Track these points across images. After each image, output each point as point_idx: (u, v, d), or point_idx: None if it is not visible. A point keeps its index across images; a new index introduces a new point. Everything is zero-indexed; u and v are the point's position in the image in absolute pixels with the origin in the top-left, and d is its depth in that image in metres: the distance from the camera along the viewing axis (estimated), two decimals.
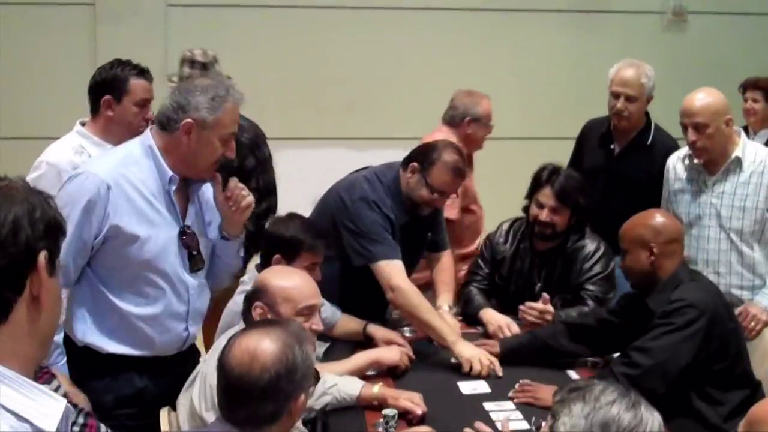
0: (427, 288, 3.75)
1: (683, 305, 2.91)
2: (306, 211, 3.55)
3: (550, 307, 3.51)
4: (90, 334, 2.69)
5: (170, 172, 2.68)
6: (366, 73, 6.19)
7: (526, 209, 3.71)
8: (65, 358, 2.64)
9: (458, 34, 6.26)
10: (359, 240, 3.47)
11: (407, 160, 3.53)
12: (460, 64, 6.21)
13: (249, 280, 3.24)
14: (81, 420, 1.81)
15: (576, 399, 1.76)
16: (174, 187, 2.71)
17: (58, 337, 2.62)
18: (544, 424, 1.85)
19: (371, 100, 6.19)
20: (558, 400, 1.81)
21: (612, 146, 4.19)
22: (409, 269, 3.69)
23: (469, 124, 4.45)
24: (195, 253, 2.79)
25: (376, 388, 2.86)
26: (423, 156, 3.49)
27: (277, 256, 3.16)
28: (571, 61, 6.21)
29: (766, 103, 5.05)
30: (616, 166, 4.14)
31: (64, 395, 1.79)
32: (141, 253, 2.65)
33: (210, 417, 2.32)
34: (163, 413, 2.58)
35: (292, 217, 3.31)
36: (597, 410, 1.72)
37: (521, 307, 3.56)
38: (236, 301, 3.11)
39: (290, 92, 6.13)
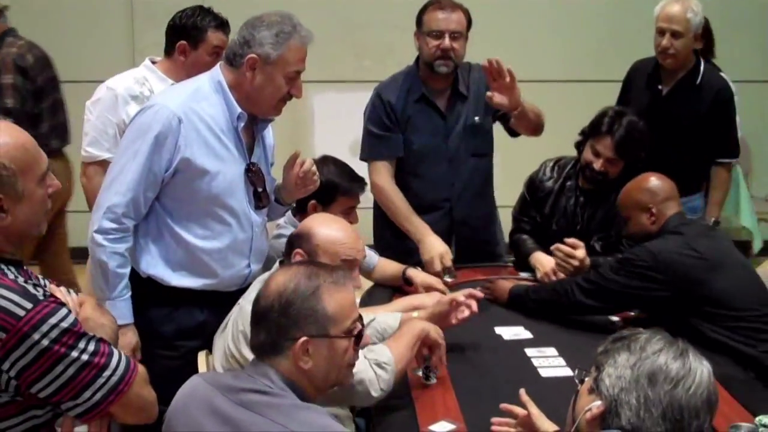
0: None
1: (637, 251, 3.00)
2: (344, 155, 3.48)
3: (579, 253, 3.35)
4: (154, 266, 2.72)
5: (239, 109, 2.70)
6: (405, 16, 6.05)
7: (578, 145, 3.58)
8: (130, 293, 2.68)
9: None
10: (363, 133, 3.69)
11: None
12: (498, 4, 6.07)
13: (285, 223, 3.20)
14: (91, 347, 1.79)
15: (621, 349, 1.70)
16: (242, 124, 2.73)
17: (125, 270, 2.66)
18: (587, 379, 1.78)
19: (410, 43, 6.07)
20: (602, 350, 1.74)
21: (659, 87, 4.06)
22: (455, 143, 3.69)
23: None
24: (260, 190, 2.81)
25: (416, 314, 2.80)
26: (417, 17, 3.64)
27: (312, 202, 3.10)
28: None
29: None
30: (664, 107, 4.01)
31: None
32: (209, 187, 2.67)
33: (247, 354, 2.29)
34: (201, 356, 2.57)
35: (326, 160, 3.22)
36: (643, 360, 1.66)
37: (553, 247, 3.44)
38: (272, 245, 3.08)
39: (329, 35, 6.03)
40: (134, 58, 5.63)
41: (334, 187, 3.11)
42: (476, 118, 3.68)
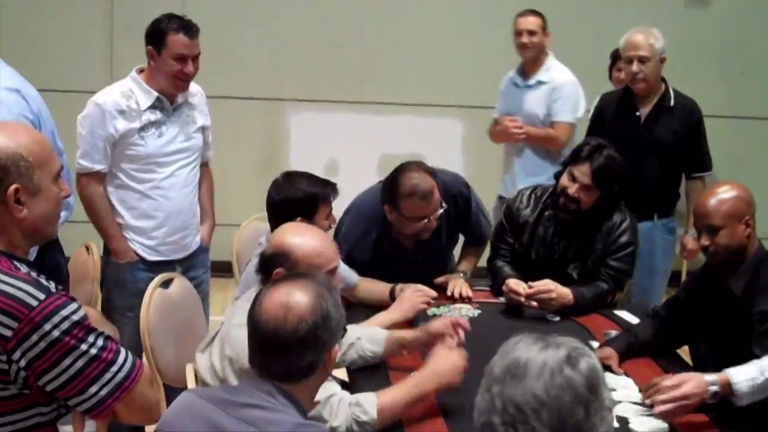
0: None
1: None
2: (320, 174, 3.46)
3: (553, 294, 3.39)
4: None
5: None
6: (383, 38, 6.15)
7: (557, 175, 3.62)
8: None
9: (475, 2, 6.20)
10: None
11: (382, 198, 3.50)
12: (477, 33, 6.16)
13: (266, 241, 3.19)
14: (100, 342, 1.82)
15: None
16: None
17: None
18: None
19: (388, 64, 6.15)
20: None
21: (638, 113, 4.27)
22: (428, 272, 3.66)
23: None
24: None
25: (402, 334, 2.81)
26: (389, 196, 3.45)
27: (298, 219, 3.04)
28: (590, 37, 6.14)
29: None
30: (645, 131, 4.23)
31: None
32: None
33: (233, 381, 2.31)
34: (189, 367, 2.56)
35: (292, 175, 3.19)
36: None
37: (529, 293, 3.42)
38: (255, 264, 3.06)
39: (307, 55, 6.09)
40: (112, 69, 5.64)
41: (315, 198, 3.10)
42: (446, 241, 3.73)
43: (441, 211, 3.46)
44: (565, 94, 4.72)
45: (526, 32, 4.71)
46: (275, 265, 2.43)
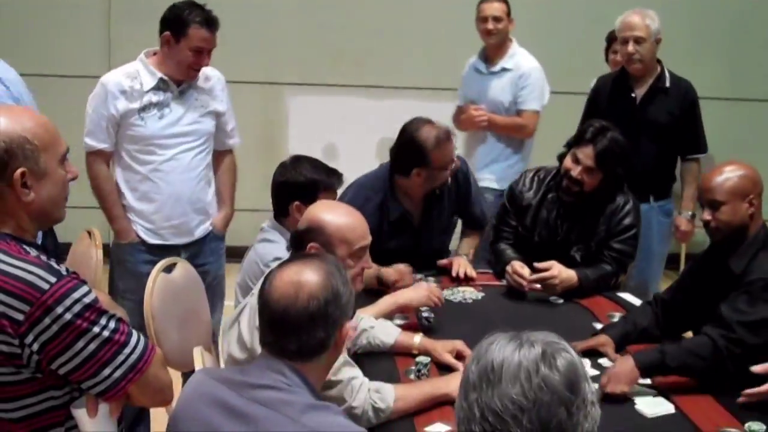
0: None
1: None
2: (317, 157, 3.44)
3: (554, 271, 3.40)
4: None
5: None
6: (382, 22, 6.13)
7: (561, 157, 3.60)
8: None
9: None
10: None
11: (401, 168, 3.53)
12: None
13: (269, 228, 3.18)
14: (112, 324, 1.82)
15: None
16: None
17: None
18: None
19: (386, 48, 6.13)
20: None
21: (633, 94, 4.27)
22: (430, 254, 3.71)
23: None
24: None
25: (417, 339, 2.83)
26: (415, 158, 3.49)
27: (296, 203, 3.08)
28: (590, 19, 6.10)
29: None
30: (641, 112, 4.23)
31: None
32: None
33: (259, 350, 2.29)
34: (197, 351, 2.55)
35: (299, 159, 3.20)
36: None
37: (531, 279, 3.43)
38: (257, 251, 3.07)
39: (305, 39, 6.07)
40: (110, 54, 5.60)
41: (315, 184, 3.10)
42: (447, 217, 3.78)
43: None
44: (532, 81, 4.72)
45: (491, 18, 4.69)
46: (308, 240, 2.46)
